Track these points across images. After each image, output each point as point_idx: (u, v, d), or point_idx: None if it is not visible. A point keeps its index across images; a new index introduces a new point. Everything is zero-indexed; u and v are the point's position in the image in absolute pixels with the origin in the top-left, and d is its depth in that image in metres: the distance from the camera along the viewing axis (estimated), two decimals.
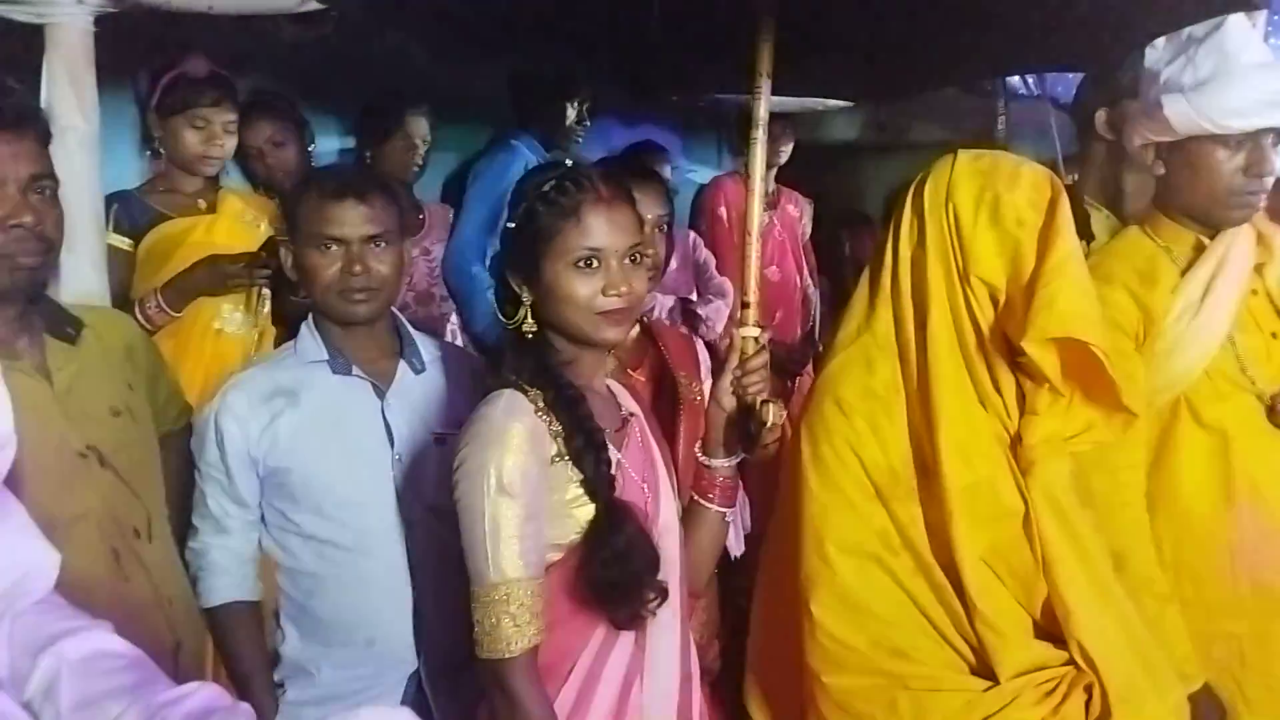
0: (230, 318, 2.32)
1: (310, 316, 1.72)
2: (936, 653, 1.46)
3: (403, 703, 1.63)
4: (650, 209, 1.88)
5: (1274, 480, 1.70)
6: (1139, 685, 1.42)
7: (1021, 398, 1.50)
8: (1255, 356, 1.72)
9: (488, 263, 2.88)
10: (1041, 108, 3.50)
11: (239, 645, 1.67)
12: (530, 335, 1.37)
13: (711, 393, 1.55)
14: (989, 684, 1.43)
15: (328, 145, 3.01)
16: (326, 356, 1.67)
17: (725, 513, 1.54)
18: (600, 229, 1.34)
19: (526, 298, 1.38)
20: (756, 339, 1.57)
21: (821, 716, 1.48)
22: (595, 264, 1.34)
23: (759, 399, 1.49)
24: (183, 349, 2.22)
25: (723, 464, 1.52)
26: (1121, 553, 1.60)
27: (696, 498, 1.54)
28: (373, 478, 1.66)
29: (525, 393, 1.33)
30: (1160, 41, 1.82)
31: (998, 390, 1.49)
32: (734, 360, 1.53)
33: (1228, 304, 1.72)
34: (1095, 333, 1.41)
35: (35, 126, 1.47)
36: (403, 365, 1.72)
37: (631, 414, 1.47)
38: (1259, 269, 1.75)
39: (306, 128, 2.78)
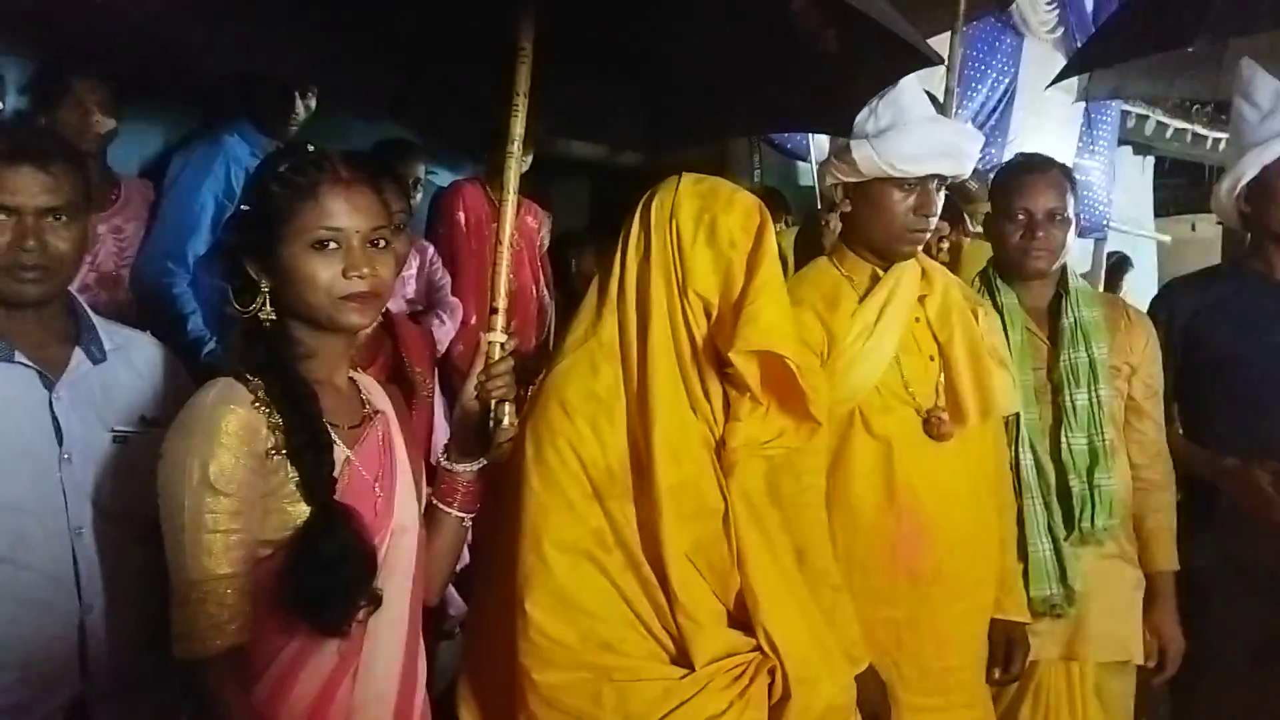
0: None
1: None
2: (641, 645, 1.53)
3: None
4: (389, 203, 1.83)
5: (927, 483, 1.91)
6: (815, 667, 1.56)
7: (727, 405, 1.60)
8: (915, 375, 1.94)
9: (192, 266, 2.64)
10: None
11: None
12: (269, 324, 1.31)
13: (457, 397, 1.55)
14: (686, 671, 1.51)
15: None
16: None
17: (464, 517, 1.54)
18: (339, 209, 1.31)
19: (265, 285, 1.31)
20: (503, 345, 1.58)
21: (530, 715, 1.50)
22: (335, 245, 1.31)
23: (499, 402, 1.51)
24: None
25: (466, 468, 1.53)
26: (803, 548, 1.74)
27: (436, 502, 1.52)
28: (35, 479, 1.47)
29: (246, 382, 1.27)
30: None
31: (707, 397, 1.59)
32: (479, 364, 1.55)
33: (896, 329, 1.93)
34: (791, 348, 1.56)
35: None
36: (78, 353, 1.54)
37: (377, 411, 1.43)
38: (922, 300, 1.97)
39: None
